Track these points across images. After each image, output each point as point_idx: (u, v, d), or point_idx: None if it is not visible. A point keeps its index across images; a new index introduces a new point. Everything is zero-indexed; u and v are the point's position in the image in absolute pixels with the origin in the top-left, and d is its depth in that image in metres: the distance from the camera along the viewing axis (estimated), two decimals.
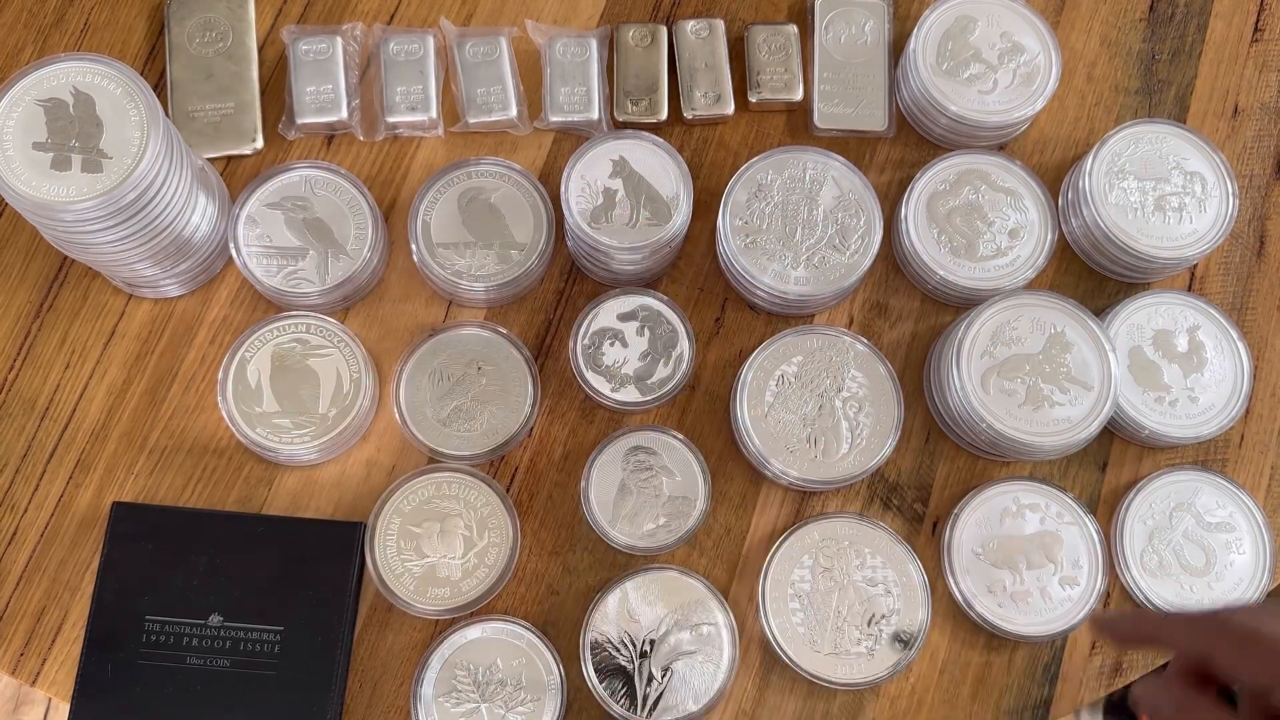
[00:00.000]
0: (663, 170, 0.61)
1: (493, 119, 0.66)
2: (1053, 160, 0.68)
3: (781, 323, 0.65)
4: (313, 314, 0.62)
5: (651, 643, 0.59)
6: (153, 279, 0.61)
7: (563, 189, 0.61)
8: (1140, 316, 0.64)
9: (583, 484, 0.61)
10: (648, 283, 0.65)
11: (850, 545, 0.61)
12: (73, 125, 0.54)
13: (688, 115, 0.67)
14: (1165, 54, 0.70)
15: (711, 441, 0.63)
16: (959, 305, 0.65)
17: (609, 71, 0.68)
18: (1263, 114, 0.69)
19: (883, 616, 0.60)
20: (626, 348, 0.62)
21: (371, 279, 0.64)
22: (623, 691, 0.59)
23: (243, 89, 0.66)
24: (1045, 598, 0.60)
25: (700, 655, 0.59)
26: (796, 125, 0.68)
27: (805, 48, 0.68)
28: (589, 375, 0.61)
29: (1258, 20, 0.71)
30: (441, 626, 0.60)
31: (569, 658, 0.60)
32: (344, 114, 0.65)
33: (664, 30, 0.68)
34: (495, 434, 0.61)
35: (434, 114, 0.66)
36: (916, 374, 0.64)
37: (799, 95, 0.67)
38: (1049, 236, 0.64)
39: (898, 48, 0.69)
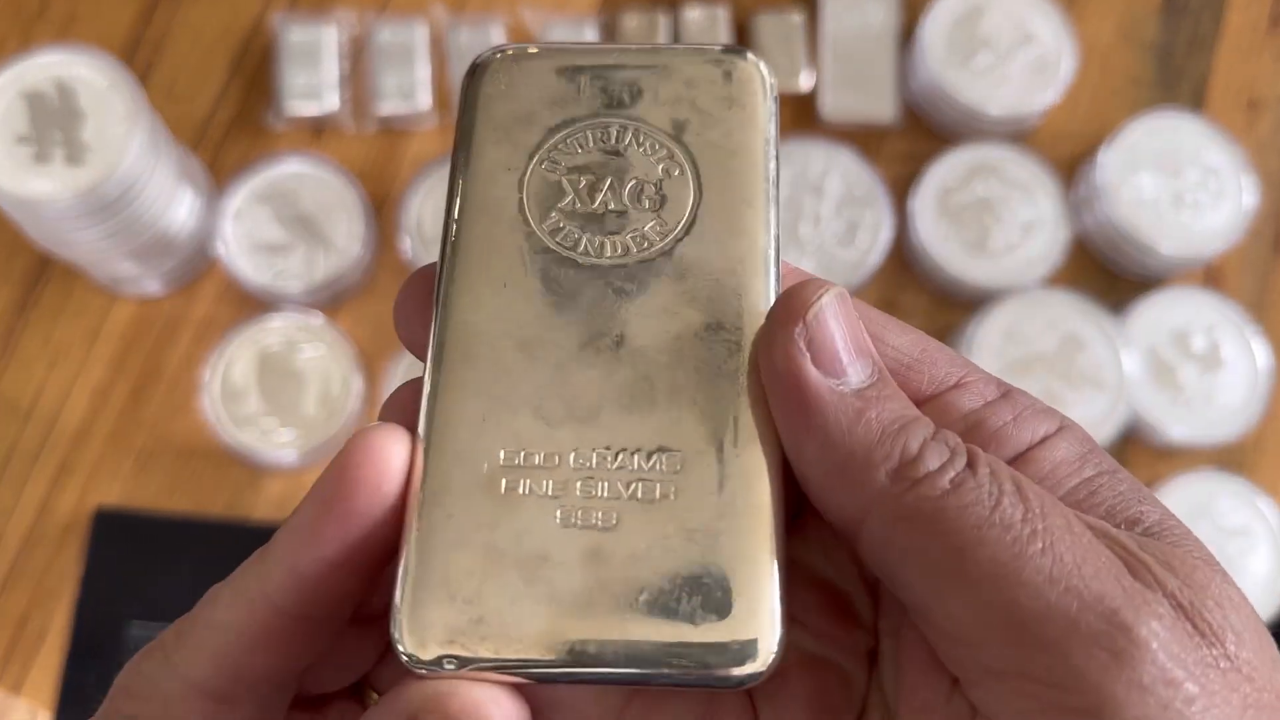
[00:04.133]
0: None
1: None
2: (1065, 153, 0.67)
3: None
4: (301, 312, 0.61)
5: None
6: (137, 276, 0.61)
7: None
8: (1156, 314, 0.63)
9: None
10: None
11: None
12: (55, 119, 0.54)
13: None
14: (1181, 45, 0.70)
15: None
16: (969, 302, 0.64)
17: None
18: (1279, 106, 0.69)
19: None
20: None
21: (362, 276, 0.63)
22: None
23: None
24: None
25: None
26: (802, 116, 0.67)
27: (811, 36, 0.67)
28: None
29: (1273, 10, 0.70)
30: None
31: None
32: (334, 104, 0.64)
33: (666, 17, 0.67)
34: None
35: (428, 104, 0.65)
36: None
37: (805, 85, 0.66)
38: (1062, 232, 0.63)
39: (907, 36, 0.68)
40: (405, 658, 0.19)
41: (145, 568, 0.58)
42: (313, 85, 0.64)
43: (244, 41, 0.67)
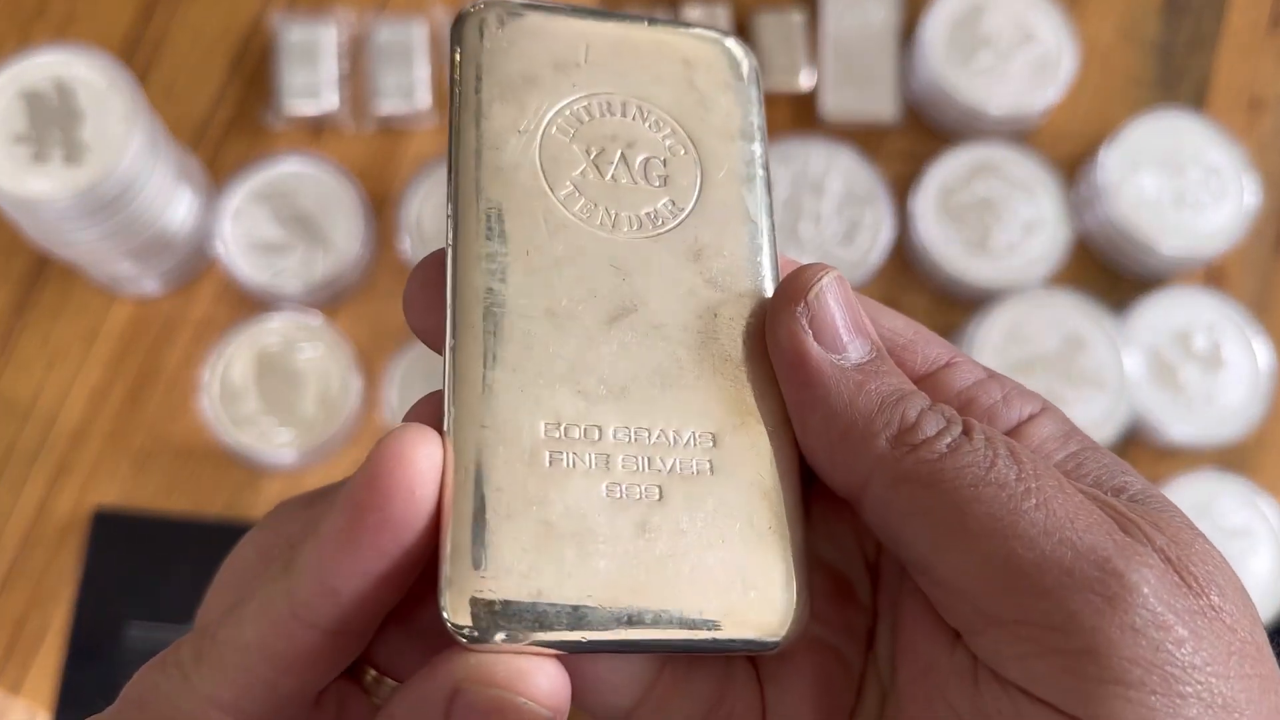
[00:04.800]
0: None
1: None
2: (1067, 152, 0.67)
3: None
4: (300, 312, 0.60)
5: None
6: (135, 276, 0.60)
7: None
8: (1157, 314, 0.63)
9: None
10: None
11: None
12: (54, 118, 0.54)
13: None
14: (1182, 44, 0.69)
15: None
16: (970, 302, 0.64)
17: None
18: None
19: None
20: None
21: (362, 276, 0.63)
22: None
23: None
24: None
25: None
26: (803, 115, 0.67)
27: (812, 35, 0.67)
28: None
29: (1273, 9, 0.70)
30: None
31: None
32: (333, 103, 0.64)
33: (665, 16, 0.67)
34: None
35: (427, 103, 0.65)
36: None
37: (805, 84, 0.66)
38: (1063, 231, 0.63)
39: (907, 35, 0.68)
40: (455, 630, 0.19)
41: (144, 568, 0.58)
42: (312, 84, 0.64)
43: (243, 41, 0.67)
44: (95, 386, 0.62)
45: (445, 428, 0.19)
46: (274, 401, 0.59)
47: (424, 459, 0.19)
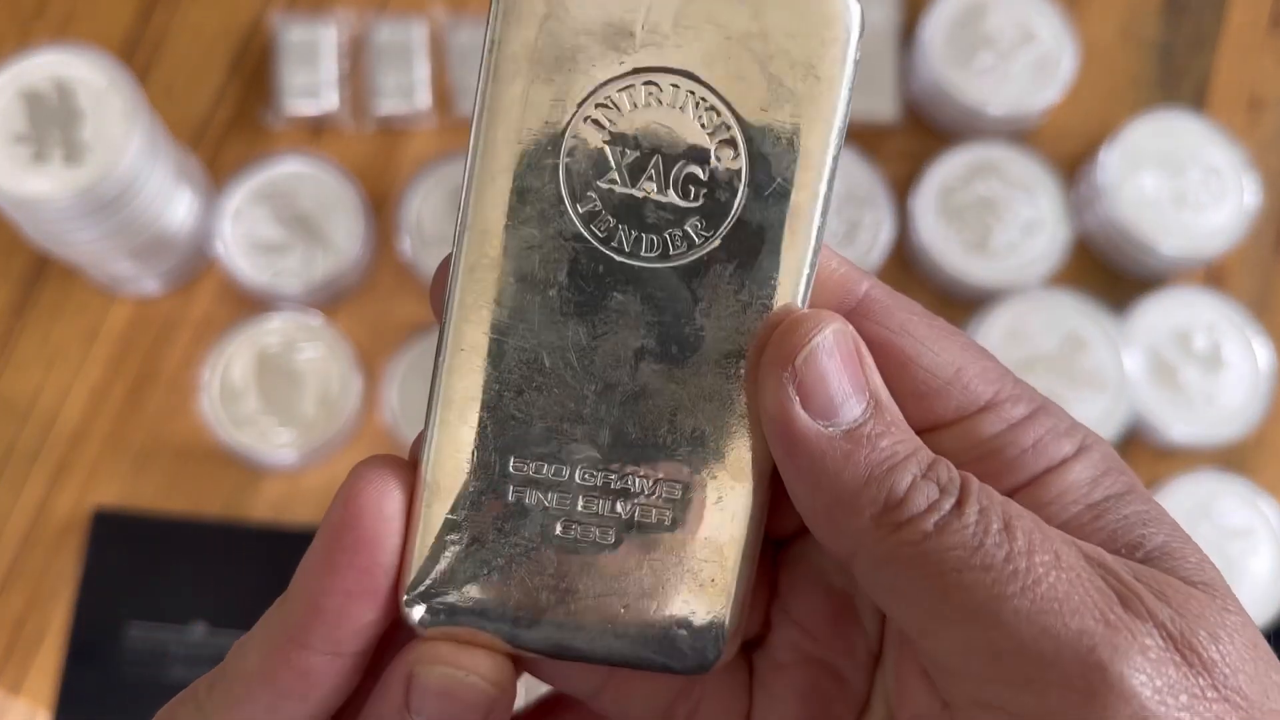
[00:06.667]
0: None
1: None
2: (1067, 152, 0.67)
3: None
4: (300, 312, 0.60)
5: None
6: (135, 276, 0.60)
7: None
8: (1157, 314, 0.63)
9: None
10: None
11: None
12: (54, 118, 0.54)
13: None
14: (1182, 44, 0.69)
15: None
16: (971, 302, 0.63)
17: None
18: None
19: None
20: None
21: (361, 276, 0.63)
22: None
23: None
24: None
25: None
26: None
27: None
28: None
29: (1274, 9, 0.70)
30: None
31: None
32: (333, 103, 0.64)
33: None
34: None
35: (427, 104, 0.65)
36: None
37: None
38: (1063, 231, 0.63)
39: (907, 35, 0.68)
40: (412, 623, 0.21)
41: (144, 568, 0.58)
42: (312, 84, 0.64)
43: (243, 41, 0.67)
44: (95, 386, 0.62)
45: (423, 451, 0.20)
46: (274, 401, 0.59)
47: (388, 504, 0.20)
